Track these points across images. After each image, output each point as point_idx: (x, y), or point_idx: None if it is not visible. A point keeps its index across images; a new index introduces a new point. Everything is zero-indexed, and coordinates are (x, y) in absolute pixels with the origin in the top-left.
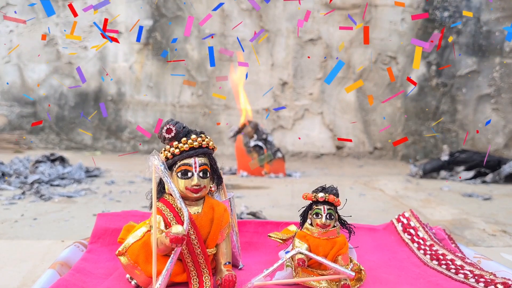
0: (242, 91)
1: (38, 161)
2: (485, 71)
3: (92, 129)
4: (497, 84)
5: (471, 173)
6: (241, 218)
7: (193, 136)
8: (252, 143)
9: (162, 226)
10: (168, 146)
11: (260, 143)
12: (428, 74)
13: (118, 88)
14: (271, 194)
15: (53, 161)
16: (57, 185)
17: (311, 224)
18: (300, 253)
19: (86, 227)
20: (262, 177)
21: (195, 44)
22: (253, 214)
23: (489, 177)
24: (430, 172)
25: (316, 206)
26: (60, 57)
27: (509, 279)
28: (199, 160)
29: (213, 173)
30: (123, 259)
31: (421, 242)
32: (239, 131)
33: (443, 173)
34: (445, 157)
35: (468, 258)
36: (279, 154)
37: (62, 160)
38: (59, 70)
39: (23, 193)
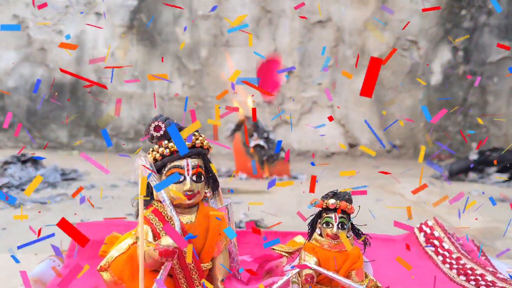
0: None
1: (6, 163)
2: None
3: (69, 125)
4: None
5: (504, 175)
6: (239, 228)
7: None
8: (252, 143)
9: (150, 238)
10: (156, 146)
11: (261, 142)
12: (454, 61)
13: (98, 78)
14: (274, 199)
15: (23, 162)
16: None
17: (320, 235)
18: (308, 267)
19: (63, 238)
20: (264, 180)
21: (186, 26)
22: (254, 223)
23: None
24: (456, 174)
25: (326, 214)
26: (31, 43)
27: None
28: (192, 161)
29: (208, 176)
30: (105, 275)
31: (447, 254)
32: (236, 129)
33: (471, 174)
34: (474, 156)
35: (500, 273)
36: (282, 154)
37: (34, 161)
38: (30, 57)
39: None
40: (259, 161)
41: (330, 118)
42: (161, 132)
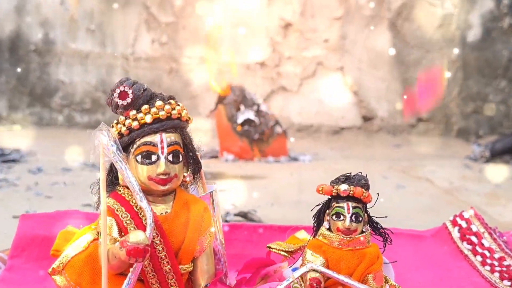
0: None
1: None
2: None
3: (8, 93)
4: None
5: None
6: (226, 221)
7: (159, 103)
8: (240, 118)
9: (115, 233)
10: (122, 118)
11: (251, 116)
12: (497, 11)
13: (45, 33)
14: (269, 186)
15: None
16: None
17: (329, 229)
18: (314, 270)
19: (4, 234)
20: (254, 163)
21: None
22: (244, 215)
23: None
24: (500, 154)
25: (337, 203)
26: None
27: None
28: (168, 137)
29: (187, 156)
30: (59, 279)
31: (487, 254)
32: (219, 101)
33: None
34: None
35: None
36: (278, 129)
37: None
38: None
39: None
40: (249, 139)
41: None
42: (128, 100)
